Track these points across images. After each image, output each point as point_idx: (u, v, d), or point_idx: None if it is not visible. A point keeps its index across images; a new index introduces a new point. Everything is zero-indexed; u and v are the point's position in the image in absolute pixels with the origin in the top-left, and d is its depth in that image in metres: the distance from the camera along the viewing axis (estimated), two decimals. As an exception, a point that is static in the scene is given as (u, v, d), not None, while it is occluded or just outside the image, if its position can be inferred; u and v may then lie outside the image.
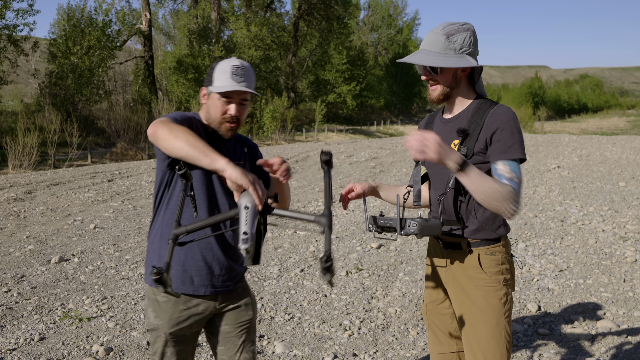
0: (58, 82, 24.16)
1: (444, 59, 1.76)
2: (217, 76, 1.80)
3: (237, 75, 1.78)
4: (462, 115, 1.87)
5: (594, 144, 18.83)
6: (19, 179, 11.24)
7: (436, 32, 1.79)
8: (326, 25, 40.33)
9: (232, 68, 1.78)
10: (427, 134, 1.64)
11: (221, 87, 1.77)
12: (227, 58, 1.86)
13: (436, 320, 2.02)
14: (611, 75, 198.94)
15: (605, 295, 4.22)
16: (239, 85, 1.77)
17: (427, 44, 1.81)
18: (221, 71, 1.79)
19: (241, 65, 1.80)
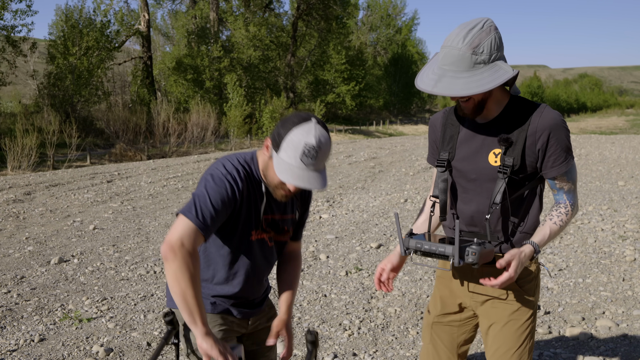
0: (57, 83, 24.16)
1: (478, 79, 1.51)
2: (285, 146, 1.51)
3: (308, 157, 1.50)
4: (499, 119, 1.65)
5: (593, 143, 18.85)
6: (18, 180, 11.23)
7: (458, 48, 1.51)
8: (325, 25, 40.34)
9: (304, 147, 1.49)
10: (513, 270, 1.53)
11: (282, 173, 1.52)
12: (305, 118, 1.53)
13: (442, 333, 1.89)
14: (610, 75, 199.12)
15: (604, 294, 4.22)
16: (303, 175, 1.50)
17: (450, 63, 1.53)
18: (292, 144, 1.50)
19: (317, 144, 1.49)
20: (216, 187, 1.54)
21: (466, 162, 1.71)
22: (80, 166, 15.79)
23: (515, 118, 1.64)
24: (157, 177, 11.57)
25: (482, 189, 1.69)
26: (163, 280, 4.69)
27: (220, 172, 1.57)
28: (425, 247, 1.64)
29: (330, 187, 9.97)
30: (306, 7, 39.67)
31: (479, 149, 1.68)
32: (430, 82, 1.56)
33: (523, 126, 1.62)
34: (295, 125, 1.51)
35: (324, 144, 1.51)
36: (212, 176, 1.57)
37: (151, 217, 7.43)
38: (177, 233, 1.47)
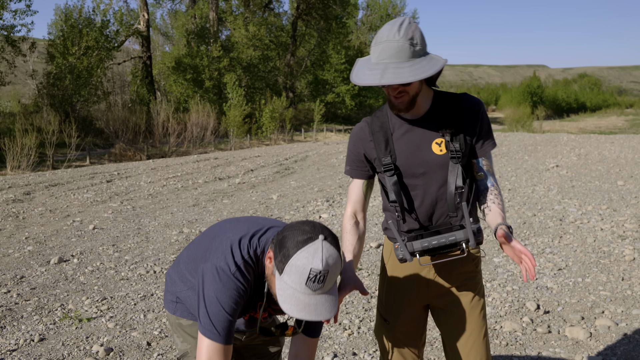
0: (56, 83, 24.15)
1: (419, 67, 1.57)
2: (289, 270, 1.38)
3: (315, 282, 1.37)
4: (431, 111, 1.75)
5: (593, 143, 18.87)
6: (17, 180, 11.23)
7: (396, 40, 1.56)
8: (324, 25, 40.35)
9: (310, 273, 1.36)
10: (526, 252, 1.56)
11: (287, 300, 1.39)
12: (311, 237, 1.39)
13: (403, 337, 1.92)
14: (609, 75, 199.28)
15: (603, 293, 4.23)
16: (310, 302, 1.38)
17: (390, 56, 1.57)
18: (296, 269, 1.37)
19: (324, 270, 1.36)
20: (226, 292, 1.47)
21: (411, 159, 1.75)
22: (79, 166, 15.78)
23: (446, 108, 1.75)
24: (156, 177, 11.57)
25: (432, 180, 1.75)
26: (163, 280, 4.70)
27: (228, 270, 1.49)
28: (434, 243, 1.62)
29: (330, 187, 9.97)
30: (306, 6, 39.68)
31: (420, 143, 1.74)
32: (375, 76, 1.57)
33: (457, 113, 1.74)
34: (300, 248, 1.37)
35: (333, 265, 1.38)
36: (219, 275, 1.49)
37: (151, 216, 7.43)
38: (204, 356, 1.46)
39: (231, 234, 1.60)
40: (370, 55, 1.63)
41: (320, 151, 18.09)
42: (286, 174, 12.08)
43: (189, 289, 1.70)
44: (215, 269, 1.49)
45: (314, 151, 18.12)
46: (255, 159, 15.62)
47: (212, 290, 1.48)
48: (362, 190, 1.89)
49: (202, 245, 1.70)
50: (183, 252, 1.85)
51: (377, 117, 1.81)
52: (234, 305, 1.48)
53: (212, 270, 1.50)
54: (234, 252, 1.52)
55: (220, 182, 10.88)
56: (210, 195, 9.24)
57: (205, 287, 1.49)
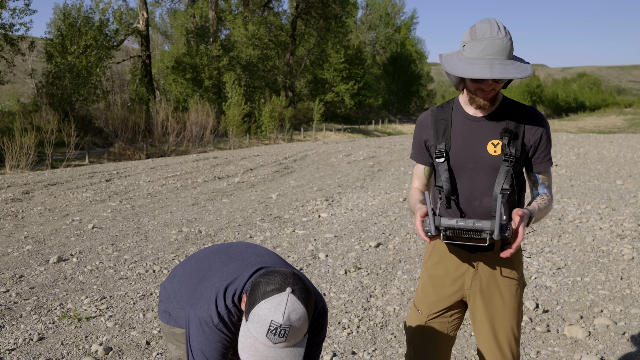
0: (55, 82, 24.11)
1: (518, 66, 1.64)
2: (252, 317, 1.36)
3: (276, 335, 1.33)
4: (495, 113, 1.80)
5: (592, 142, 18.87)
6: (16, 179, 11.22)
7: (501, 38, 1.62)
8: (324, 24, 40.33)
9: (270, 325, 1.32)
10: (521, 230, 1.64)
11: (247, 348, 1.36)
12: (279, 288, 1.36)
13: (434, 330, 1.95)
14: (609, 74, 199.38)
15: (602, 292, 4.23)
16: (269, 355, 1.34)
17: (495, 52, 1.62)
18: (258, 318, 1.34)
19: (284, 324, 1.32)
20: (210, 344, 1.48)
21: (464, 152, 1.82)
22: (78, 165, 15.77)
23: (511, 114, 1.80)
24: (156, 176, 11.56)
25: (480, 177, 1.81)
26: (162, 279, 4.70)
27: (211, 322, 1.49)
28: (461, 224, 1.63)
29: (329, 186, 9.97)
30: (305, 6, 39.65)
31: (476, 140, 1.81)
32: (484, 69, 1.60)
33: (520, 122, 1.79)
34: (265, 298, 1.34)
35: (296, 321, 1.32)
36: (202, 327, 1.49)
37: (150, 216, 7.43)
38: None
39: (217, 280, 1.57)
40: (466, 50, 1.66)
41: (320, 150, 18.09)
42: (285, 173, 12.08)
43: (181, 308, 1.72)
44: (199, 320, 1.49)
45: (313, 150, 18.11)
46: (254, 158, 15.62)
47: (197, 343, 1.49)
48: (425, 174, 2.00)
49: (193, 279, 1.68)
50: (179, 269, 1.84)
51: (443, 108, 1.91)
52: (220, 356, 1.49)
53: (196, 322, 1.50)
54: (217, 303, 1.50)
55: (220, 181, 10.87)
56: (209, 194, 9.23)
57: (191, 337, 1.50)
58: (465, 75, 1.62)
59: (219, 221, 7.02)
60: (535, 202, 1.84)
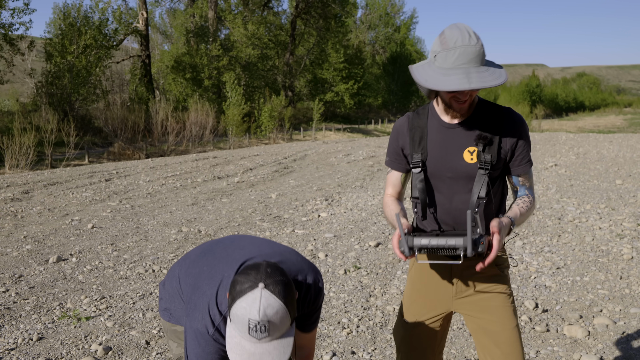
0: (55, 82, 24.09)
1: (493, 72, 1.57)
2: (232, 318, 1.37)
3: (257, 331, 1.33)
4: (471, 119, 1.74)
5: (591, 142, 18.88)
6: (16, 178, 11.22)
7: (473, 45, 1.55)
8: (323, 24, 40.32)
9: (249, 323, 1.33)
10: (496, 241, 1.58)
11: (233, 349, 1.37)
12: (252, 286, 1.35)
13: (421, 340, 1.91)
14: (608, 74, 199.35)
15: (602, 292, 4.24)
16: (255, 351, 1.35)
17: (469, 60, 1.55)
18: (237, 318, 1.35)
19: (262, 320, 1.32)
20: (206, 356, 1.50)
21: (440, 162, 1.77)
22: (78, 165, 15.76)
23: (485, 118, 1.74)
24: (155, 176, 11.56)
25: (458, 186, 1.75)
26: (162, 279, 4.70)
27: (206, 333, 1.50)
28: (433, 243, 1.60)
29: (329, 186, 9.97)
30: (305, 5, 39.65)
31: (452, 148, 1.75)
32: (461, 80, 1.53)
33: (495, 126, 1.73)
34: (240, 297, 1.34)
35: (273, 315, 1.32)
36: (197, 339, 1.50)
37: (150, 215, 7.43)
38: None
39: (207, 287, 1.56)
40: (438, 60, 1.59)
41: (319, 150, 18.09)
42: (285, 173, 12.08)
43: (182, 309, 1.73)
44: (194, 332, 1.49)
45: (312, 150, 18.11)
46: (254, 158, 15.61)
47: (194, 355, 1.49)
48: (400, 181, 1.95)
49: (187, 286, 1.69)
50: (176, 269, 1.84)
51: (419, 114, 1.85)
52: (213, 353, 1.49)
53: (191, 334, 1.50)
54: (211, 312, 1.50)
55: (219, 181, 10.87)
56: (209, 194, 9.23)
57: (188, 347, 1.50)
58: (442, 89, 1.55)
59: (219, 221, 7.02)
60: (515, 206, 1.76)
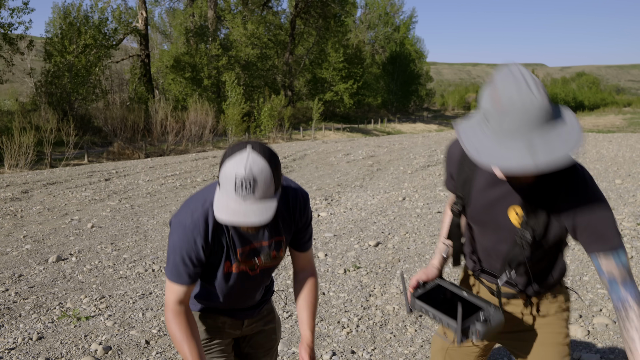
0: (54, 81, 24.08)
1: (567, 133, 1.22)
2: (221, 180, 1.44)
3: (243, 189, 1.39)
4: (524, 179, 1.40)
5: (591, 141, 18.89)
6: (15, 178, 11.21)
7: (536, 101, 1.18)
8: (323, 24, 40.32)
9: (236, 179, 1.39)
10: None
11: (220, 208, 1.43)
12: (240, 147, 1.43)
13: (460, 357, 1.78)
14: (607, 73, 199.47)
15: (601, 291, 4.24)
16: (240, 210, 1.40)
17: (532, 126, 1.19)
18: (225, 177, 1.41)
19: (247, 176, 1.38)
20: (185, 245, 1.57)
21: (483, 213, 1.53)
22: (77, 164, 15.76)
23: (544, 177, 1.39)
24: (155, 175, 11.56)
25: (500, 236, 1.53)
26: (161, 278, 4.70)
27: (187, 225, 1.56)
28: (430, 315, 1.56)
29: (329, 185, 9.97)
30: (304, 5, 39.64)
31: (498, 201, 1.49)
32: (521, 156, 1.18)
33: (552, 190, 1.38)
34: (228, 158, 1.42)
35: (258, 172, 1.39)
36: (178, 229, 1.57)
37: (149, 215, 7.42)
38: (167, 295, 1.63)
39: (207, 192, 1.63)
40: (491, 123, 1.23)
41: (319, 150, 18.09)
42: (285, 173, 12.08)
43: None
44: (178, 224, 1.58)
45: (312, 150, 18.11)
46: (253, 158, 15.60)
47: (172, 241, 1.60)
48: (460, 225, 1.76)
49: None
50: None
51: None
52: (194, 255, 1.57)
53: (174, 224, 1.60)
54: (194, 208, 1.58)
55: (219, 180, 10.87)
56: (208, 193, 9.23)
57: (170, 237, 1.61)
58: (498, 167, 1.21)
59: (218, 220, 7.02)
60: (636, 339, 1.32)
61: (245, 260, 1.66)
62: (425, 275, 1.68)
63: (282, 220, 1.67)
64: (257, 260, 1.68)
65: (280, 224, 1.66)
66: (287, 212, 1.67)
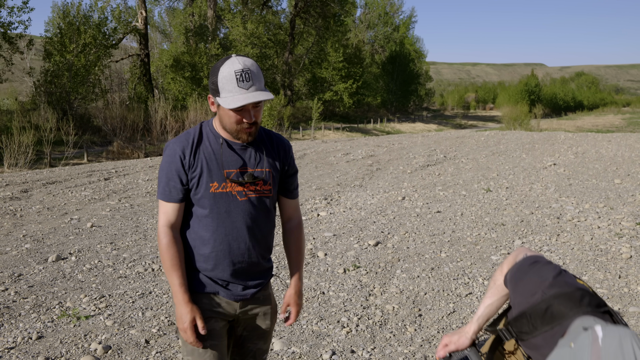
0: (54, 81, 24.05)
1: None
2: (222, 85, 1.66)
3: (244, 81, 1.64)
4: None
5: (590, 141, 18.90)
6: (14, 177, 11.21)
7: None
8: (323, 23, 40.30)
9: (236, 74, 1.63)
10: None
11: (230, 102, 1.64)
12: (226, 58, 1.69)
13: None
14: (607, 73, 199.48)
15: (600, 291, 4.24)
16: (248, 94, 1.64)
17: None
18: (225, 79, 1.64)
19: (244, 67, 1.64)
20: (165, 164, 1.77)
21: None
22: (77, 164, 15.75)
23: None
24: (154, 175, 11.55)
25: None
26: (161, 277, 4.70)
27: (175, 141, 1.78)
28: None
29: (328, 185, 9.97)
30: (304, 4, 39.61)
31: None
32: None
33: None
34: (220, 66, 1.66)
35: (252, 64, 1.66)
36: (167, 149, 1.78)
37: (149, 214, 7.42)
38: (160, 217, 1.79)
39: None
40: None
41: (319, 149, 18.09)
42: (284, 172, 12.07)
43: None
44: (168, 144, 1.78)
45: (312, 149, 18.11)
46: (253, 157, 15.60)
47: (162, 162, 1.79)
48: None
49: None
50: None
51: None
52: (174, 170, 1.74)
53: (165, 147, 1.80)
54: (175, 139, 1.79)
55: (218, 180, 10.87)
56: (208, 193, 9.23)
57: (161, 160, 1.80)
58: None
59: (218, 220, 7.02)
60: None
61: (233, 181, 1.76)
62: (455, 345, 1.65)
63: (268, 153, 1.83)
64: (243, 180, 1.77)
65: (265, 157, 1.82)
66: (272, 148, 1.86)
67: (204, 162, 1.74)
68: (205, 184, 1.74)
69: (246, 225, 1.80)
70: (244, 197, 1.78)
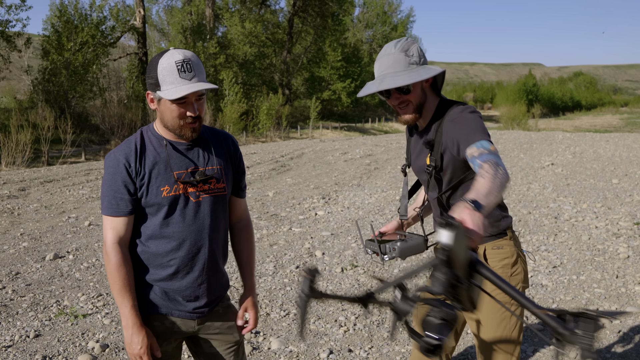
0: (51, 79, 24.00)
1: (415, 73, 1.70)
2: (162, 78, 1.57)
3: (186, 71, 1.56)
4: (430, 123, 1.83)
5: (588, 141, 18.93)
6: (12, 176, 11.18)
7: (392, 52, 1.72)
8: (321, 22, 40.29)
9: (177, 65, 1.55)
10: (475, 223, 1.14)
11: (173, 93, 1.55)
12: (164, 51, 1.61)
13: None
14: (605, 73, 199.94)
15: (598, 291, 4.26)
16: (191, 84, 1.56)
17: (387, 67, 1.72)
18: (166, 71, 1.56)
19: (185, 58, 1.57)
20: (108, 176, 1.67)
21: (414, 165, 1.96)
22: (75, 162, 15.72)
23: (437, 120, 1.81)
24: (152, 174, 11.53)
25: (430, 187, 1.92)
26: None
27: (116, 150, 1.68)
28: (369, 248, 1.83)
29: (326, 184, 9.98)
30: (302, 3, 39.59)
31: (420, 153, 1.90)
32: (374, 85, 1.71)
33: (439, 127, 1.78)
34: (159, 59, 1.58)
35: (192, 55, 1.59)
36: (108, 160, 1.69)
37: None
38: (106, 234, 1.67)
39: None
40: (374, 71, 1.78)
41: (317, 148, 18.09)
42: (282, 171, 12.08)
43: None
44: (108, 156, 1.69)
45: (310, 148, 18.11)
46: (251, 156, 15.59)
47: (104, 176, 1.70)
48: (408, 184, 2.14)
49: None
50: None
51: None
52: (121, 182, 1.64)
53: (105, 161, 1.71)
54: (114, 150, 1.70)
55: (216, 179, 10.86)
56: (206, 192, 9.22)
57: (104, 175, 1.72)
58: (359, 95, 1.78)
59: (216, 219, 7.02)
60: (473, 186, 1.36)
61: (184, 183, 1.68)
62: (385, 227, 2.04)
63: (216, 151, 1.76)
64: (195, 179, 1.69)
65: (214, 155, 1.75)
66: (221, 146, 1.78)
67: (151, 167, 1.65)
68: (155, 189, 1.65)
69: (203, 227, 1.72)
70: (197, 198, 1.70)
